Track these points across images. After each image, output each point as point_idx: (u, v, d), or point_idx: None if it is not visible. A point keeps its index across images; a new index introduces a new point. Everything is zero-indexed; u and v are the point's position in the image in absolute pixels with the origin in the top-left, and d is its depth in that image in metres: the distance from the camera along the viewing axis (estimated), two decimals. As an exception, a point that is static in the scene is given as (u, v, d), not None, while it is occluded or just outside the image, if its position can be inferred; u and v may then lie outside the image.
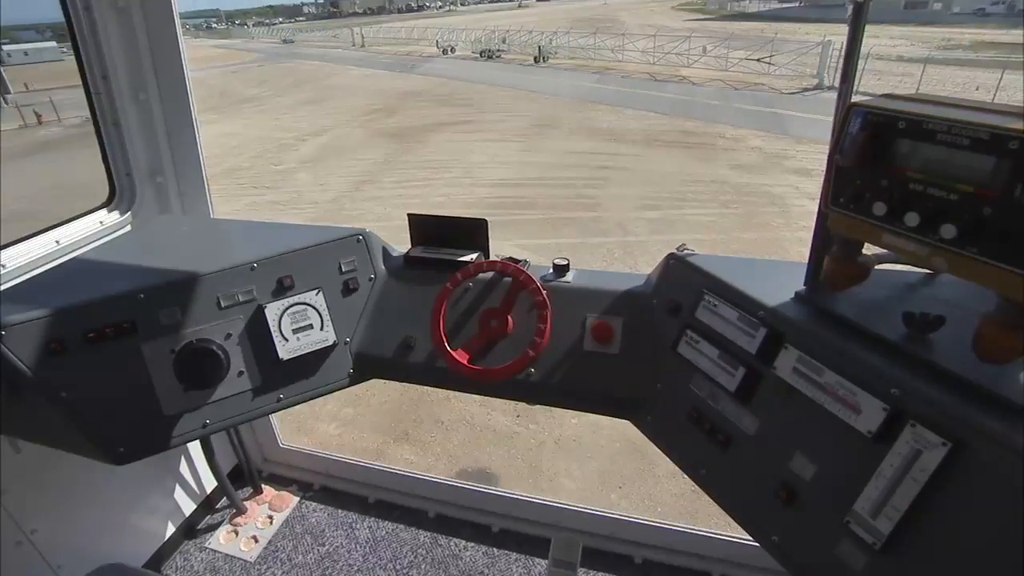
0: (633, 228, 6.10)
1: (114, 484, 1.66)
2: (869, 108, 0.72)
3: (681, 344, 1.01)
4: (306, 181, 8.27)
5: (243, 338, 1.17)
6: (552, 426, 3.09)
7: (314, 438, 3.03)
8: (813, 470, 0.80)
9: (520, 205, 6.87)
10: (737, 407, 0.91)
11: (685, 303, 1.03)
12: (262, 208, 7.19)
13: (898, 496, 0.71)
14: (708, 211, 6.51)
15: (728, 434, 0.92)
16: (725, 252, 5.33)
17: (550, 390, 1.15)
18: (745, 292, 0.94)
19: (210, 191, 1.66)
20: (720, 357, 0.94)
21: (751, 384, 0.89)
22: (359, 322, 1.28)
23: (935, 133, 0.66)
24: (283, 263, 1.21)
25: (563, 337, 1.15)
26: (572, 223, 6.27)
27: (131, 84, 1.51)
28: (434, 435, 3.07)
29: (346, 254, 1.28)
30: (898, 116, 0.69)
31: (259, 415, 1.21)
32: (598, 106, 12.55)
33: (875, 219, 0.72)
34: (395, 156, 9.41)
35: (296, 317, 1.20)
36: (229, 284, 1.16)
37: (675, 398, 1.02)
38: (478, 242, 1.32)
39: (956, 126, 0.65)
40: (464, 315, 1.22)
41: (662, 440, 1.04)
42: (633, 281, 1.19)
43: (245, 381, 1.17)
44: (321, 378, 1.25)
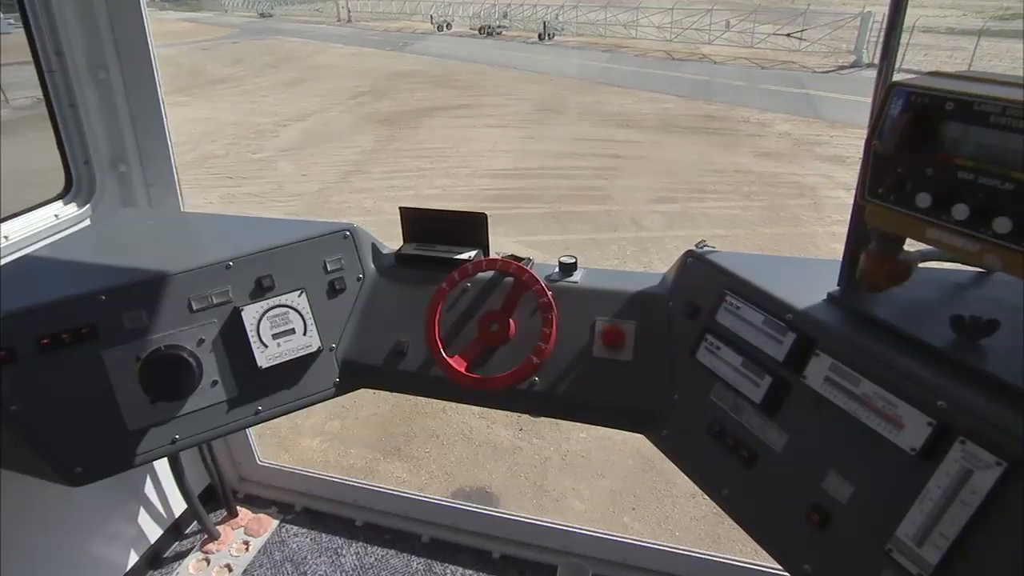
0: (647, 223, 6.09)
1: (70, 508, 1.65)
2: (912, 87, 0.71)
3: (700, 350, 1.01)
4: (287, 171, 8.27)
5: (217, 344, 1.17)
6: (558, 440, 3.08)
7: (296, 455, 3.03)
8: (849, 491, 0.80)
9: (523, 198, 6.86)
10: (763, 420, 0.91)
11: (705, 305, 1.03)
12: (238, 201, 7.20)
13: (946, 521, 0.70)
14: (730, 204, 6.50)
15: (753, 450, 0.91)
16: (749, 249, 5.33)
17: (556, 401, 1.14)
18: (771, 293, 0.93)
19: (179, 182, 1.66)
20: (744, 365, 0.94)
21: (778, 395, 0.89)
22: (346, 326, 1.28)
23: (988, 115, 0.66)
24: (262, 261, 1.21)
25: (570, 343, 1.15)
26: (580, 217, 6.27)
27: (89, 61, 1.50)
28: (428, 451, 3.06)
29: (332, 252, 1.28)
30: (945, 96, 0.69)
31: (235, 429, 1.21)
32: (609, 88, 12.55)
33: (918, 212, 0.71)
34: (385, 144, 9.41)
35: (276, 321, 1.20)
36: (202, 284, 1.16)
37: (694, 410, 1.02)
38: (477, 238, 1.32)
39: (1012, 107, 0.64)
40: (462, 319, 1.22)
41: (680, 456, 1.04)
42: (647, 281, 1.19)
43: (219, 392, 1.17)
44: (304, 388, 1.24)
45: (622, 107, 11.05)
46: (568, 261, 1.23)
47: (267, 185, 7.71)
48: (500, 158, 8.37)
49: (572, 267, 1.23)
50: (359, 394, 3.51)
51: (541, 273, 1.20)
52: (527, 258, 1.23)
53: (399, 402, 3.41)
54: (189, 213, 1.65)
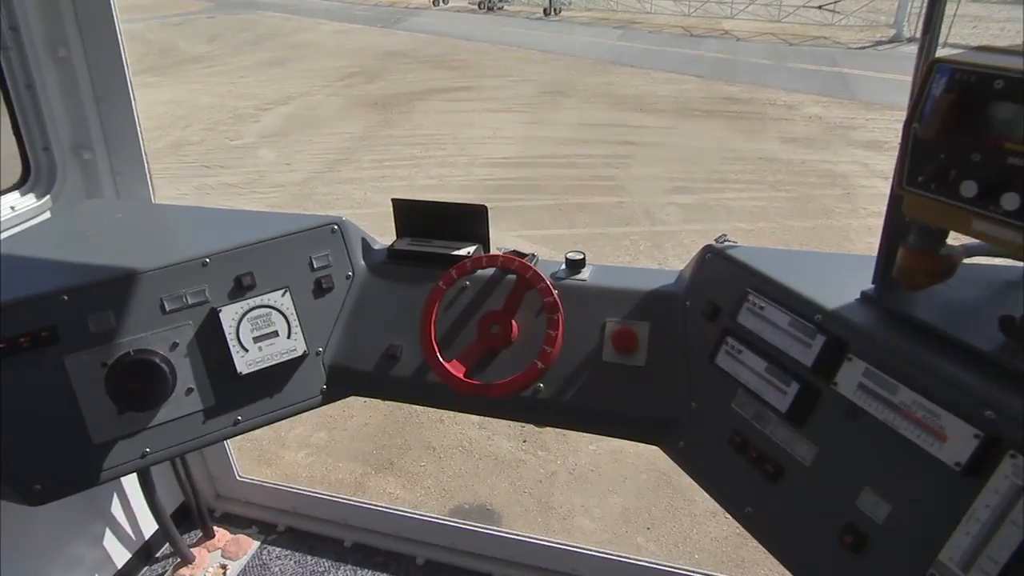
0: (662, 216, 6.09)
1: (28, 530, 1.65)
2: (957, 64, 0.71)
3: (720, 354, 1.01)
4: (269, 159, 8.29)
5: (193, 348, 1.17)
6: (565, 453, 3.08)
7: (279, 469, 3.04)
8: (887, 510, 0.79)
9: (526, 189, 6.86)
10: (790, 431, 0.90)
11: (725, 305, 1.03)
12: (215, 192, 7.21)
13: (996, 544, 0.69)
14: (754, 195, 6.49)
15: (779, 464, 0.91)
16: (775, 245, 5.32)
17: (563, 409, 1.14)
18: (799, 291, 0.93)
19: (150, 170, 1.66)
20: (768, 370, 0.93)
21: (807, 403, 0.89)
22: (334, 329, 1.28)
23: None
24: (242, 258, 1.21)
25: (578, 346, 1.14)
26: (588, 210, 6.27)
27: (48, 37, 1.49)
28: (424, 464, 3.07)
29: (318, 247, 1.28)
30: (994, 73, 0.68)
31: (212, 441, 1.21)
32: (621, 68, 12.53)
33: (963, 201, 0.71)
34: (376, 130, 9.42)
35: (258, 323, 1.20)
36: (175, 283, 1.16)
37: (713, 419, 1.01)
38: (477, 232, 1.32)
39: None
40: (460, 320, 1.22)
41: (699, 470, 1.04)
42: (662, 279, 1.18)
43: (195, 400, 1.17)
44: (288, 396, 1.25)
45: (635, 89, 11.03)
46: (576, 257, 1.23)
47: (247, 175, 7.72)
48: (501, 145, 8.37)
49: (580, 264, 1.23)
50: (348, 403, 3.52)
51: (546, 270, 1.20)
52: (531, 254, 1.23)
53: (392, 411, 3.42)
54: (161, 205, 1.65)
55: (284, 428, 3.23)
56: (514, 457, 3.09)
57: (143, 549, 2.04)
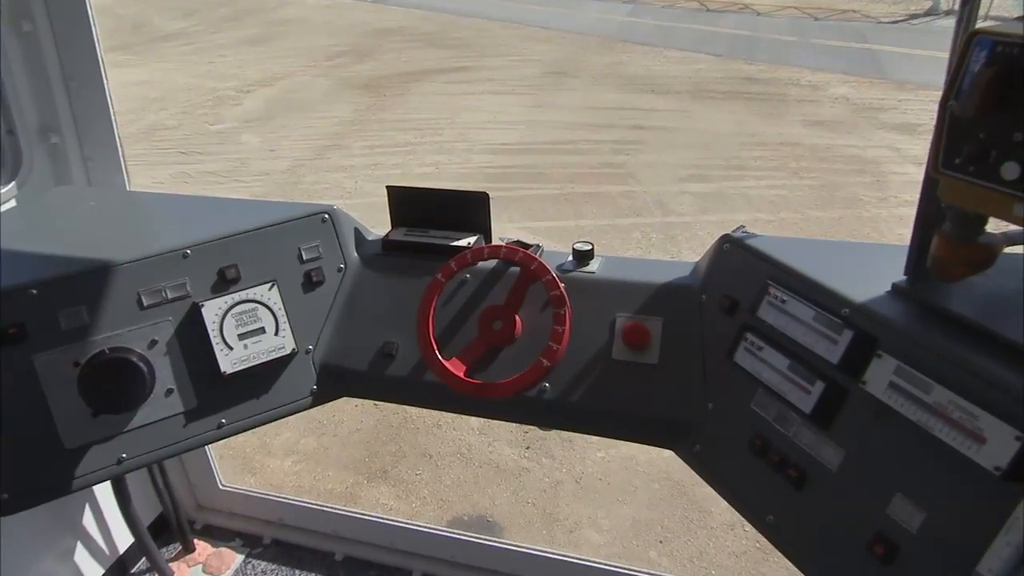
0: (675, 206, 6.09)
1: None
2: (999, 36, 0.70)
3: (739, 351, 1.01)
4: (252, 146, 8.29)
5: (173, 346, 1.17)
6: (572, 460, 3.09)
7: (264, 478, 3.05)
8: (920, 518, 0.79)
9: (529, 177, 6.86)
10: (815, 433, 0.91)
11: (744, 299, 1.03)
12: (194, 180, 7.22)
13: None
14: (775, 183, 6.48)
15: (803, 469, 0.91)
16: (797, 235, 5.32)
17: (569, 411, 1.15)
18: (824, 283, 0.93)
19: (124, 156, 1.66)
20: (791, 368, 0.94)
21: (832, 404, 0.89)
22: (325, 325, 1.28)
23: None
24: (225, 249, 1.21)
25: (586, 343, 1.15)
26: (596, 200, 6.27)
27: (12, 10, 1.48)
28: (420, 472, 3.07)
29: (308, 237, 1.28)
30: None
31: (193, 446, 1.21)
32: (631, 46, 12.50)
33: (1004, 185, 0.70)
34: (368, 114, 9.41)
35: (243, 319, 1.20)
36: (154, 276, 1.16)
37: (732, 421, 1.02)
38: (477, 222, 1.32)
39: None
40: (460, 315, 1.22)
41: (715, 476, 1.04)
42: (676, 271, 1.19)
43: (175, 402, 1.18)
44: (276, 397, 1.25)
45: (646, 69, 11.01)
46: (583, 248, 1.24)
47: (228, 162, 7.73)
48: (503, 131, 8.36)
49: (588, 255, 1.23)
50: (339, 406, 3.54)
51: (552, 262, 1.20)
52: (535, 245, 1.24)
53: (386, 415, 3.43)
54: (137, 192, 1.65)
55: (269, 434, 3.24)
56: (516, 465, 3.09)
57: (117, 564, 2.04)
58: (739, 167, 6.91)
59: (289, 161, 7.63)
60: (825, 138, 7.62)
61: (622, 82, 10.34)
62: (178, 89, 10.87)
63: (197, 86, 11.06)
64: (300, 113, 9.53)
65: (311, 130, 8.74)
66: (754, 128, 8.05)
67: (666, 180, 6.65)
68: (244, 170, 7.48)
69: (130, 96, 10.19)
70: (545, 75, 10.96)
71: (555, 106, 9.32)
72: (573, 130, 8.25)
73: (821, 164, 6.89)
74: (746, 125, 8.17)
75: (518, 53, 12.44)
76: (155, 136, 8.66)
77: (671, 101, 9.29)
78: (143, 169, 7.32)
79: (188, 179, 7.26)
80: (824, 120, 8.24)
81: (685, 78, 10.37)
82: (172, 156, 7.97)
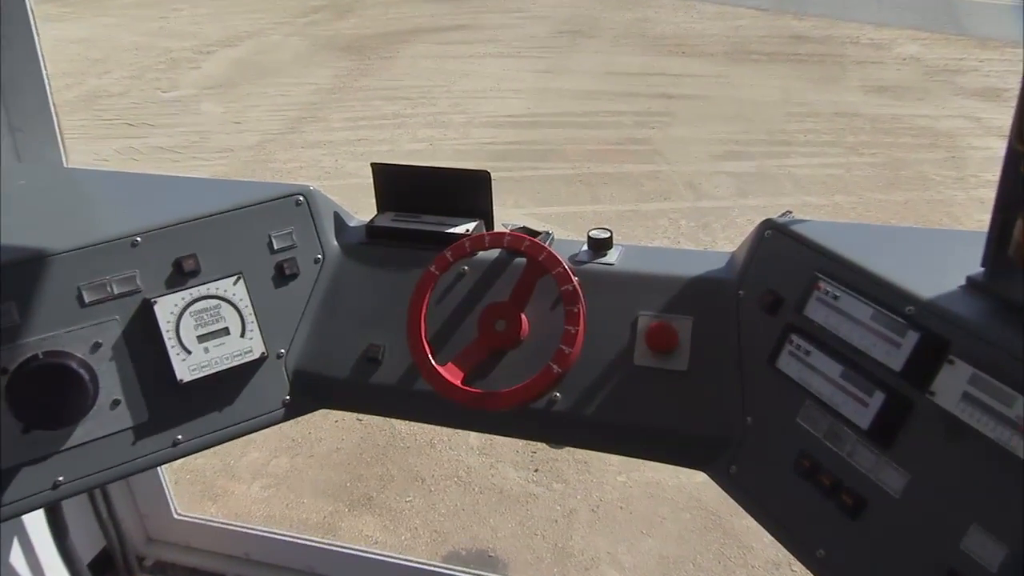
0: (709, 188, 6.08)
1: None
2: None
3: (783, 356, 1.01)
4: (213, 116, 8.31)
5: (120, 350, 1.17)
6: (587, 485, 3.10)
7: (227, 506, 3.07)
8: (1000, 553, 0.79)
9: (538, 155, 6.86)
10: (873, 453, 0.91)
11: (789, 294, 1.03)
12: (144, 157, 7.24)
13: None
14: (829, 160, 6.46)
15: (860, 495, 0.91)
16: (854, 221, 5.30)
17: (584, 425, 1.15)
18: (885, 276, 0.93)
19: (61, 127, 1.65)
20: (845, 376, 0.94)
21: (895, 418, 0.89)
22: (299, 325, 1.29)
23: None
24: (183, 236, 1.22)
25: (603, 346, 1.15)
26: (617, 181, 6.26)
27: None
28: (411, 499, 3.09)
29: (280, 223, 1.29)
30: None
31: (144, 467, 1.21)
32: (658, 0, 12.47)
33: None
34: (350, 80, 9.42)
35: (203, 318, 1.21)
36: (97, 267, 1.17)
37: (775, 438, 1.02)
38: (477, 205, 1.33)
39: None
40: (457, 313, 1.23)
41: (756, 503, 1.04)
42: (709, 262, 1.19)
43: (122, 416, 1.18)
44: (242, 409, 1.26)
45: (676, 27, 10.98)
46: (601, 235, 1.24)
47: (185, 136, 7.74)
48: (508, 100, 8.36)
49: (606, 244, 1.24)
50: (317, 420, 3.55)
51: (564, 252, 1.21)
52: (545, 232, 1.24)
53: (371, 431, 3.44)
54: (77, 169, 1.66)
55: (234, 453, 3.26)
56: (523, 490, 3.10)
57: None
58: (785, 142, 6.88)
59: (257, 135, 7.64)
60: (890, 107, 7.57)
61: (648, 43, 10.32)
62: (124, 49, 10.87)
63: (147, 45, 11.08)
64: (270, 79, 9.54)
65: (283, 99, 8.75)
66: (804, 96, 8.01)
67: (698, 158, 6.64)
68: (204, 145, 7.49)
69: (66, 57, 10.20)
70: (557, 34, 10.94)
71: (569, 71, 9.30)
72: (590, 100, 8.24)
73: (884, 138, 6.85)
74: (794, 92, 8.13)
75: (525, 8, 12.42)
76: (97, 104, 8.67)
77: (705, 65, 9.26)
78: (83, 143, 7.33)
79: (137, 155, 7.27)
80: (889, 85, 8.19)
81: (722, 37, 10.34)
82: (117, 128, 7.97)
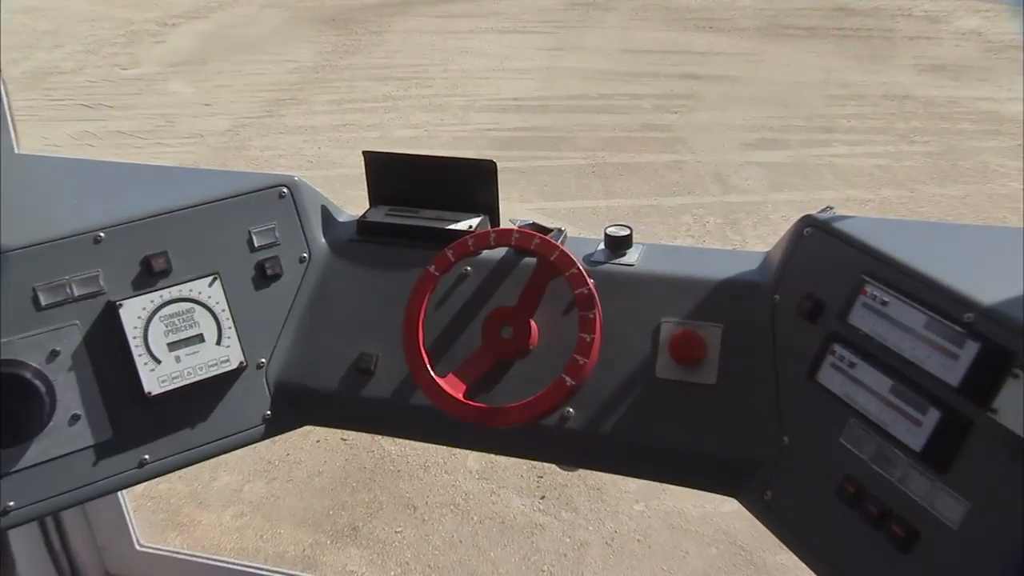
0: (739, 180, 6.08)
1: None
2: None
3: (825, 368, 1.02)
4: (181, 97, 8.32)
5: (80, 359, 1.18)
6: (600, 514, 3.09)
7: (195, 536, 3.07)
8: None
9: (547, 144, 6.87)
10: (927, 478, 0.91)
11: (832, 299, 1.03)
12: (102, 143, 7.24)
13: None
14: (875, 149, 6.45)
15: (912, 525, 0.91)
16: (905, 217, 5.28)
17: (599, 445, 1.15)
18: (940, 280, 0.93)
19: (11, 109, 1.65)
20: (895, 391, 0.94)
21: (952, 438, 0.89)
22: (282, 331, 1.30)
23: None
24: (152, 231, 1.22)
25: (622, 356, 1.16)
26: (634, 172, 6.26)
27: None
28: (401, 529, 3.09)
29: (262, 217, 1.29)
30: None
31: (104, 491, 1.21)
32: (682, -30, 12.50)
33: None
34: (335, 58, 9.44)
35: (175, 323, 1.21)
36: (55, 266, 1.17)
37: (815, 461, 1.03)
38: (482, 199, 1.33)
39: None
40: (458, 319, 1.24)
41: (793, 533, 1.04)
42: (740, 263, 1.19)
43: (82, 433, 1.18)
44: (217, 426, 1.26)
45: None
46: (619, 233, 1.25)
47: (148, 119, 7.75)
48: (512, 82, 8.37)
49: (625, 242, 1.24)
50: (297, 440, 3.55)
51: (579, 251, 1.21)
52: (557, 228, 1.24)
53: (357, 453, 3.44)
54: (33, 156, 1.66)
55: (203, 478, 3.25)
56: (528, 520, 3.10)
57: None
58: (826, 128, 6.87)
59: (230, 119, 7.66)
60: (947, 88, 7.55)
61: (670, 16, 10.32)
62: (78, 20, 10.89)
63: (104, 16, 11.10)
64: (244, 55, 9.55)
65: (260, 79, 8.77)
66: (848, 76, 8.00)
67: (727, 146, 6.63)
68: (170, 130, 7.50)
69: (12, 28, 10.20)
70: (569, 7, 10.96)
71: (581, 49, 9.31)
72: (604, 81, 8.24)
73: (940, 124, 6.83)
74: (837, 72, 8.12)
75: (532, -22, 12.44)
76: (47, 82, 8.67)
77: (735, 41, 9.26)
78: (31, 126, 7.32)
79: (94, 141, 7.27)
80: (946, 63, 8.17)
81: (755, 9, 10.34)
82: (71, 110, 7.97)
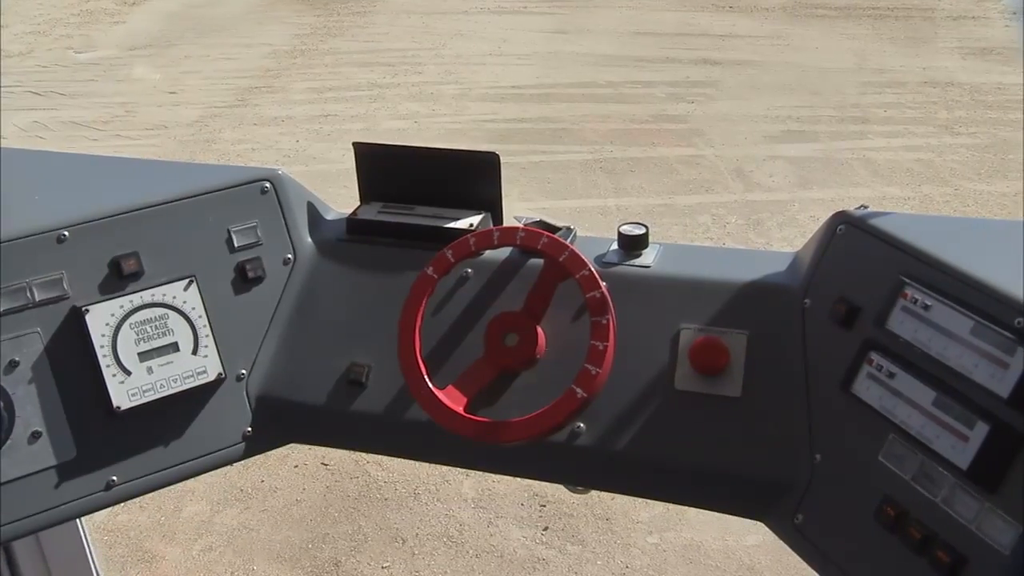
0: (763, 176, 6.08)
1: None
2: None
3: (861, 379, 1.02)
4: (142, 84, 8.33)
5: (41, 370, 1.18)
6: (610, 547, 3.09)
7: (160, 571, 3.06)
8: None
9: (550, 136, 6.87)
10: (975, 498, 0.91)
11: (868, 304, 1.04)
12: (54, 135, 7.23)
13: None
14: (915, 142, 6.45)
15: (959, 551, 0.92)
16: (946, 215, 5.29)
17: (613, 464, 1.16)
18: (988, 281, 0.94)
19: None
20: (938, 403, 0.95)
21: (1002, 455, 0.89)
22: (265, 340, 1.31)
23: None
24: (121, 230, 1.23)
25: (637, 366, 1.17)
26: (647, 168, 6.27)
27: None
28: (388, 564, 3.09)
29: (242, 215, 1.30)
30: None
31: (68, 516, 1.21)
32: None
33: None
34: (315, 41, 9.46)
35: (147, 330, 1.22)
36: (14, 268, 1.18)
37: (851, 481, 1.03)
38: (483, 195, 1.34)
39: None
40: (459, 326, 1.24)
41: (827, 560, 1.05)
42: (767, 265, 1.20)
43: (44, 451, 1.18)
44: (193, 443, 1.26)
45: (721, -24, 11.03)
46: (634, 232, 1.25)
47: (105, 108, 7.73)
48: (511, 68, 8.38)
49: (641, 241, 1.25)
50: (272, 466, 3.55)
51: (590, 251, 1.22)
52: (566, 227, 1.25)
53: (339, 479, 3.44)
54: None
55: (167, 507, 3.24)
56: (529, 553, 3.10)
57: None
58: (860, 119, 6.87)
59: (199, 109, 7.65)
60: (995, 74, 7.54)
61: (686, -5, 10.36)
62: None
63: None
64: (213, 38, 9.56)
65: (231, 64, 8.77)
66: (884, 60, 8.00)
67: (749, 139, 6.64)
68: (130, 120, 7.48)
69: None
70: (572, -14, 10.99)
71: (588, 31, 9.32)
72: (614, 67, 8.25)
73: (988, 113, 6.83)
74: (871, 56, 8.12)
75: (533, -47, 12.48)
76: (-10, 68, 8.67)
77: (759, 22, 9.28)
78: (-22, 117, 7.34)
79: (45, 132, 7.25)
80: (993, 46, 8.17)
81: (779, -12, 10.39)
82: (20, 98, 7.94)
